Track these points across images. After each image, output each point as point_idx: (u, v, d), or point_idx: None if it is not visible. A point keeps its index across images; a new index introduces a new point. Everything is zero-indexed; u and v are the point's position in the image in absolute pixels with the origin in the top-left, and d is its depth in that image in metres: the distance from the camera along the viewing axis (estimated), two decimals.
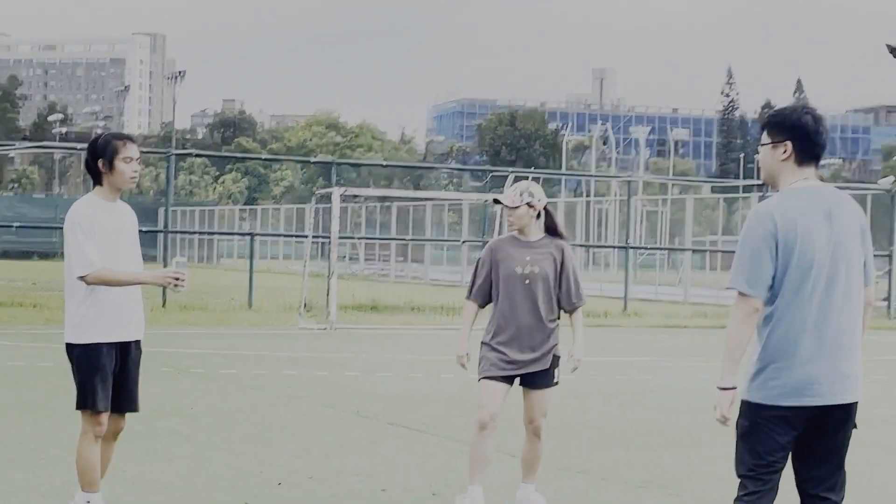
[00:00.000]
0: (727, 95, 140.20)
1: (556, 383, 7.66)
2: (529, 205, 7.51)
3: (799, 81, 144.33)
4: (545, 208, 7.60)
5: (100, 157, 6.66)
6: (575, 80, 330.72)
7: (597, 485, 8.79)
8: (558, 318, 7.63)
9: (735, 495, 5.30)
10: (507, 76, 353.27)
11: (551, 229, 7.63)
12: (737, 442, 5.28)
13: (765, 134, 5.21)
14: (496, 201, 7.85)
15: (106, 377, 6.66)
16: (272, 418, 11.54)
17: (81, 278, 6.55)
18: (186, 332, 21.19)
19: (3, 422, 10.74)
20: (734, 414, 5.23)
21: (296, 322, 23.06)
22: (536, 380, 7.58)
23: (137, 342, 6.87)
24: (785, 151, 5.13)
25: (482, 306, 7.68)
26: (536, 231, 7.59)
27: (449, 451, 10.03)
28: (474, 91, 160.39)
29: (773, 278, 5.05)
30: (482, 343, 7.61)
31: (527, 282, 7.45)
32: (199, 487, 8.22)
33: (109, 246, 6.63)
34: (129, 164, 6.68)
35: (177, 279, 6.65)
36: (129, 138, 6.76)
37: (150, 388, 12.88)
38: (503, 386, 7.57)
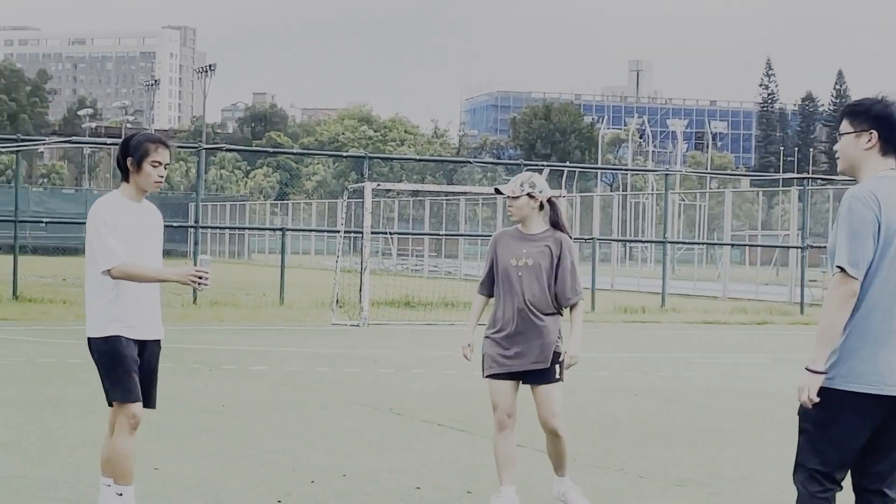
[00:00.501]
0: (766, 87, 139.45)
1: (559, 379, 7.46)
2: (530, 195, 7.38)
3: (840, 73, 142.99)
4: (550, 201, 7.47)
5: (130, 155, 6.68)
6: (611, 72, 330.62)
7: (635, 483, 8.67)
8: (558, 314, 7.43)
9: (798, 492, 5.18)
10: (541, 68, 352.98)
11: (555, 223, 7.47)
12: (810, 433, 5.14)
13: (845, 123, 5.19)
14: (497, 191, 7.72)
15: (130, 367, 6.62)
16: (304, 415, 11.43)
17: (107, 272, 6.53)
18: (218, 328, 21.16)
19: (34, 418, 10.69)
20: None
21: (328, 318, 22.97)
22: (538, 377, 7.41)
23: (157, 342, 6.79)
24: (869, 140, 5.13)
25: (489, 297, 7.58)
26: (539, 224, 7.45)
27: (483, 448, 9.88)
28: (508, 84, 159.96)
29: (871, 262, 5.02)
30: (484, 336, 7.50)
31: (519, 274, 7.33)
32: (231, 485, 8.15)
33: (131, 244, 6.63)
34: (156, 169, 6.68)
35: (199, 277, 6.56)
36: (163, 143, 6.75)
37: (181, 385, 12.91)
38: (510, 383, 7.44)
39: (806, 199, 33.40)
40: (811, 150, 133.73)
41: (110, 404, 6.67)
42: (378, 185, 25.39)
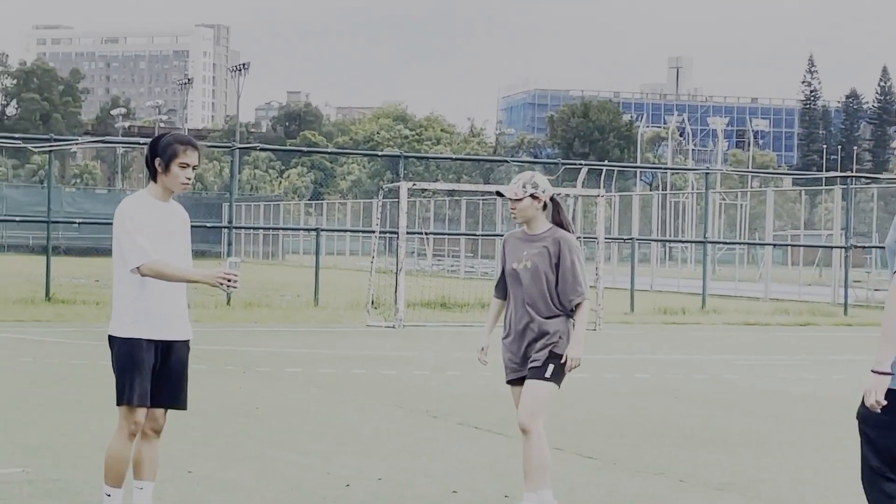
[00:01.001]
0: (808, 84, 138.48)
1: (548, 379, 7.20)
2: (533, 196, 7.19)
3: (884, 69, 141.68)
4: (552, 199, 7.29)
5: (158, 156, 6.65)
6: (650, 69, 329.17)
7: (675, 487, 8.55)
8: (563, 315, 7.18)
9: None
10: (579, 66, 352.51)
11: (558, 222, 7.30)
12: (872, 437, 4.99)
13: None
14: (499, 194, 7.53)
15: (144, 373, 6.59)
16: (339, 418, 11.33)
17: (136, 269, 6.50)
18: (251, 329, 21.13)
19: (67, 420, 10.66)
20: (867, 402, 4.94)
21: (363, 319, 22.89)
22: (529, 373, 7.25)
23: (185, 342, 6.71)
24: None
25: (504, 300, 7.43)
26: (542, 224, 7.28)
27: (520, 451, 9.71)
28: (546, 81, 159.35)
29: None
30: (501, 340, 7.41)
31: (520, 276, 7.19)
32: (265, 488, 8.08)
33: (157, 244, 6.59)
34: (183, 170, 6.64)
35: (228, 280, 6.47)
36: (192, 144, 6.71)
37: (214, 387, 12.84)
38: (520, 388, 7.36)
39: (850, 198, 33.05)
40: (855, 147, 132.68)
41: (117, 403, 6.63)
42: (414, 184, 25.28)
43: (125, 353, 6.56)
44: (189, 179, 6.66)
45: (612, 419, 11.60)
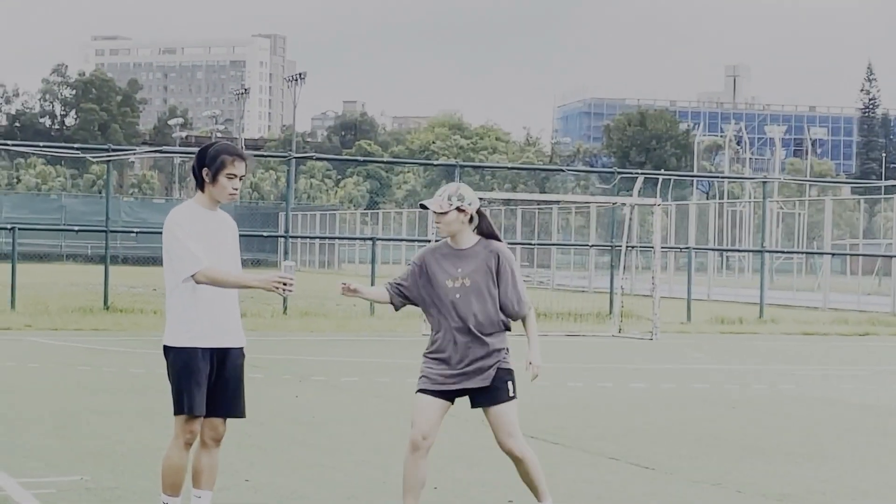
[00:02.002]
0: (867, 92, 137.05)
1: (514, 397, 7.02)
2: (459, 209, 6.86)
3: None
4: (478, 211, 6.95)
5: (206, 166, 6.66)
6: (707, 77, 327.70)
7: (733, 498, 8.48)
8: (505, 329, 6.99)
9: None
10: (635, 74, 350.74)
11: (486, 233, 6.99)
12: None
13: None
14: (423, 206, 7.09)
15: (201, 381, 6.61)
16: (395, 427, 11.32)
17: (191, 277, 6.53)
18: (307, 338, 21.20)
19: (126, 428, 10.73)
20: None
21: (419, 328, 22.87)
22: (487, 397, 6.96)
23: (240, 349, 6.74)
24: None
25: (392, 303, 6.99)
26: (469, 237, 6.93)
27: (578, 461, 9.74)
28: (602, 90, 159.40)
29: None
30: (423, 355, 7.05)
31: (458, 296, 6.83)
32: (321, 497, 8.10)
33: (207, 253, 6.62)
34: (231, 181, 6.66)
35: (283, 283, 6.47)
36: (239, 155, 6.71)
37: (271, 396, 12.89)
38: (438, 402, 6.99)
39: None
40: None
41: (174, 413, 6.66)
42: None
43: (181, 362, 6.59)
44: (236, 190, 6.67)
45: (669, 429, 11.52)
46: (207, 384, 6.63)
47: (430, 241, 26.04)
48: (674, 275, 44.46)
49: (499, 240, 7.00)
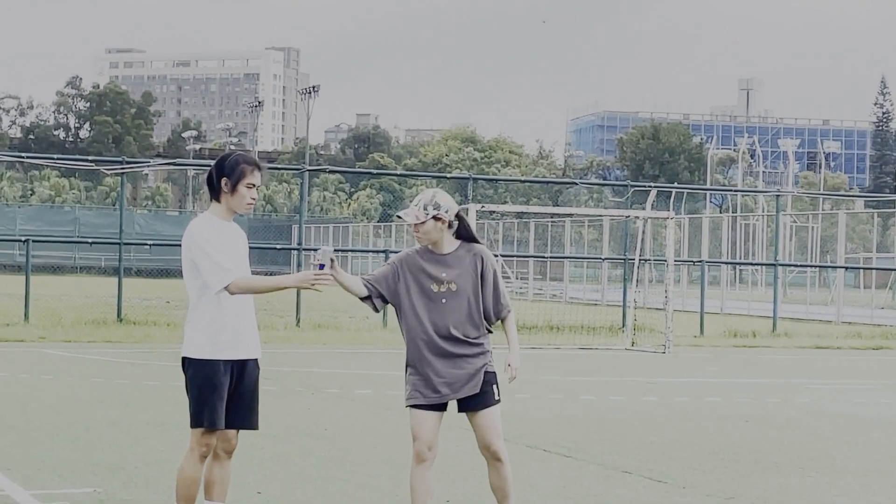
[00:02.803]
0: (881, 106, 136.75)
1: (499, 401, 6.98)
2: (437, 217, 6.81)
3: None
4: (457, 215, 6.88)
5: (225, 176, 6.66)
6: (720, 91, 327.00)
7: None
8: (488, 332, 6.96)
9: None
10: (648, 88, 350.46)
11: (466, 236, 6.93)
12: None
13: None
14: (399, 217, 7.01)
15: (222, 395, 6.64)
16: (408, 440, 11.26)
17: (224, 289, 6.54)
18: (320, 351, 21.19)
19: (139, 441, 10.73)
20: None
21: None
22: (475, 401, 6.89)
23: (255, 361, 6.76)
24: None
25: (373, 304, 6.93)
26: (450, 242, 6.88)
27: (590, 474, 9.71)
28: (615, 103, 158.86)
29: None
30: (406, 366, 6.93)
31: (444, 301, 6.79)
32: None
33: (232, 263, 6.66)
34: (250, 191, 6.69)
35: (317, 280, 6.47)
36: (257, 165, 6.74)
37: (283, 408, 12.89)
38: (433, 413, 6.91)
39: None
40: None
41: (192, 425, 6.66)
42: (482, 206, 25.28)
43: (203, 375, 6.59)
44: (254, 200, 6.69)
45: (682, 442, 11.49)
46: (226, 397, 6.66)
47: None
48: (687, 288, 44.39)
49: (479, 242, 6.98)
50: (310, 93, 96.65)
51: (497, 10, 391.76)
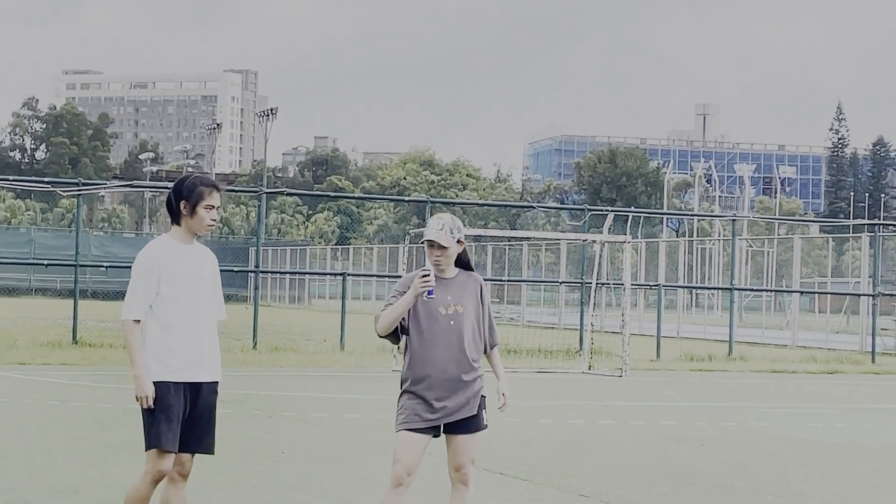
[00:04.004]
0: (836, 132, 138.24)
1: (486, 426, 7.00)
2: (458, 241, 6.90)
3: None
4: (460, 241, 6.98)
5: (183, 199, 6.66)
6: (677, 116, 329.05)
7: None
8: (481, 358, 7.02)
9: None
10: (605, 112, 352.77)
11: (465, 263, 7.00)
12: None
13: None
14: (418, 238, 7.13)
15: (173, 417, 6.59)
16: (365, 463, 11.27)
17: (123, 321, 6.58)
18: (277, 373, 21.10)
19: (94, 464, 10.64)
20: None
21: (389, 364, 22.82)
22: (465, 425, 6.88)
23: (213, 384, 6.70)
24: None
25: (399, 332, 6.93)
26: (452, 267, 6.94)
27: (548, 498, 9.72)
28: (572, 128, 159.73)
29: None
30: (403, 391, 6.89)
31: (452, 323, 6.80)
32: None
33: (182, 288, 6.62)
34: (209, 212, 6.68)
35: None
36: (215, 186, 6.75)
37: (240, 431, 12.81)
38: (425, 438, 6.86)
39: (877, 246, 32.88)
40: (882, 195, 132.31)
41: (146, 448, 6.63)
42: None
43: (155, 397, 6.56)
44: (214, 221, 6.68)
45: (639, 467, 11.52)
46: (180, 420, 6.61)
47: (400, 276, 26.02)
48: (643, 312, 44.57)
49: (473, 270, 7.06)
50: (268, 115, 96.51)
51: (455, 34, 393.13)
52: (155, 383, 6.56)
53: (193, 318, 6.62)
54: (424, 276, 6.64)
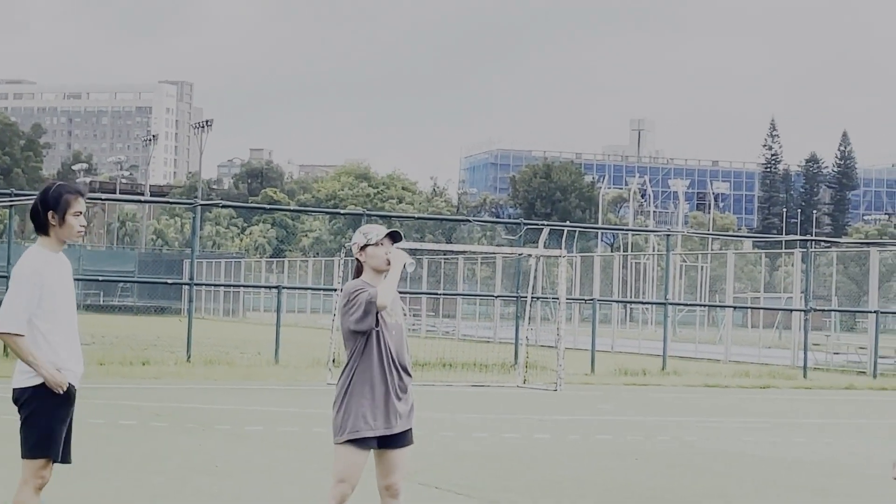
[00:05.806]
0: (770, 148, 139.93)
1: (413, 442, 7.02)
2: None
3: (845, 134, 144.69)
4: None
5: (51, 209, 6.61)
6: (612, 131, 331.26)
7: None
8: None
9: None
10: (541, 127, 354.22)
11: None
12: None
13: None
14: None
15: (65, 426, 6.55)
16: (300, 477, 11.20)
17: (3, 333, 6.43)
18: (211, 387, 20.92)
19: None
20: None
21: (324, 377, 22.72)
22: (403, 438, 6.86)
23: (73, 388, 6.67)
24: None
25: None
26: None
27: None
28: (508, 142, 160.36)
29: None
30: (345, 398, 6.75)
31: (394, 332, 6.86)
32: None
33: (57, 298, 6.57)
34: (77, 219, 6.65)
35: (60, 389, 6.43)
36: (80, 192, 6.72)
37: (173, 445, 12.68)
38: (369, 452, 6.81)
39: (809, 262, 33.27)
40: (815, 211, 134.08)
41: (33, 456, 6.49)
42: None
43: (38, 403, 6.46)
44: (84, 227, 6.67)
45: (574, 480, 11.54)
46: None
47: (335, 290, 25.94)
48: (578, 326, 44.76)
49: None
50: (203, 127, 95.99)
51: (391, 48, 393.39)
52: (40, 386, 6.44)
53: (71, 328, 6.62)
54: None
